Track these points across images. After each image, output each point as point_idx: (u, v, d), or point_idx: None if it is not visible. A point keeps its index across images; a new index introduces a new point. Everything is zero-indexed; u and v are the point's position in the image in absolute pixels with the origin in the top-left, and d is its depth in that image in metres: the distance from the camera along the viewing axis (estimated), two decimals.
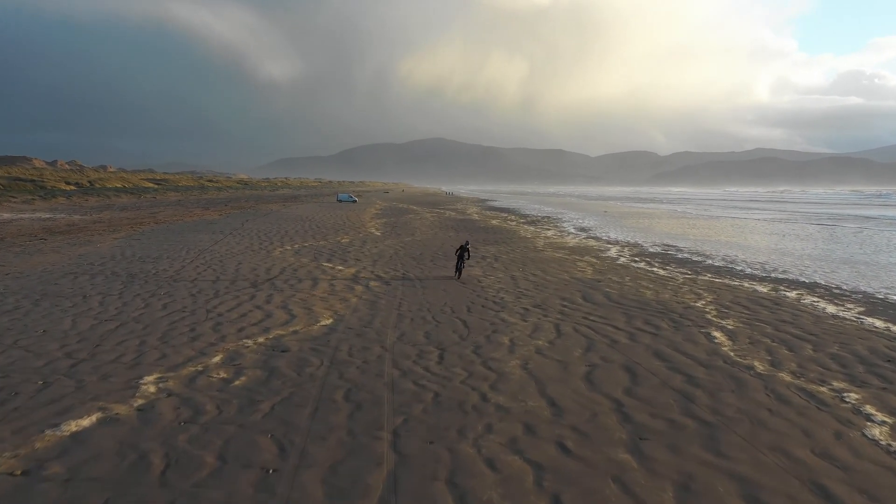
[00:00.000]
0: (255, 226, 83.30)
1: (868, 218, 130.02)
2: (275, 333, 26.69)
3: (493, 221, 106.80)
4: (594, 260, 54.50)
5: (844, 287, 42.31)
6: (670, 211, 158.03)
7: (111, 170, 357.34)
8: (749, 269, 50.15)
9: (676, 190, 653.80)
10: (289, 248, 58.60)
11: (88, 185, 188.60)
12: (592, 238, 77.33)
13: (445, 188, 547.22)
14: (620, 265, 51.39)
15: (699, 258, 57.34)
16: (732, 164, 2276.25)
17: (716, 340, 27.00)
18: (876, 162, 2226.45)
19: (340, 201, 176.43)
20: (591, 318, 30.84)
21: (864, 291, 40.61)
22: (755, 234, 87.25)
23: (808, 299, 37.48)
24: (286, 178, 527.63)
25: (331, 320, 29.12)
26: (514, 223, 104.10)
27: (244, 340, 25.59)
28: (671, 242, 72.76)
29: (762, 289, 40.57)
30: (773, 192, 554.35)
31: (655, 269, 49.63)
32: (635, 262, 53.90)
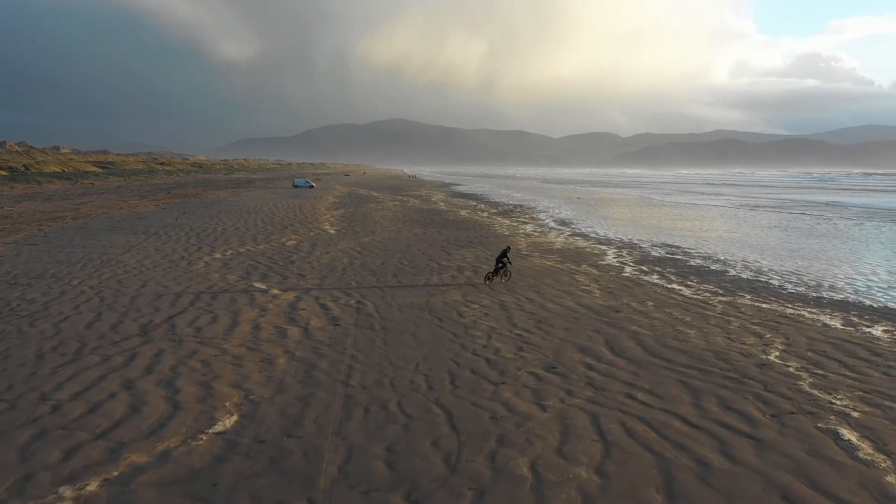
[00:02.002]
0: (191, 221, 71.98)
1: (855, 207, 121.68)
2: (123, 464, 15.40)
3: (463, 212, 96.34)
4: (594, 271, 44.29)
5: None
6: (645, 198, 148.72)
7: (64, 151, 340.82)
8: (788, 285, 40.32)
9: (641, 172, 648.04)
10: (219, 255, 47.62)
11: (24, 169, 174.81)
12: (579, 235, 67.15)
13: (408, 170, 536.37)
14: (630, 280, 41.24)
15: (718, 266, 47.43)
16: (693, 145, 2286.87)
17: (859, 454, 16.68)
18: (832, 144, 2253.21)
19: (297, 187, 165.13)
20: (638, 396, 20.37)
21: None
22: (756, 229, 77.92)
23: None
24: (245, 160, 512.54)
25: (234, 418, 18.22)
26: (485, 214, 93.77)
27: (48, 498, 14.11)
28: (670, 241, 62.93)
29: (832, 322, 30.60)
30: (741, 173, 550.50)
31: (675, 286, 39.57)
32: (645, 273, 43.79)
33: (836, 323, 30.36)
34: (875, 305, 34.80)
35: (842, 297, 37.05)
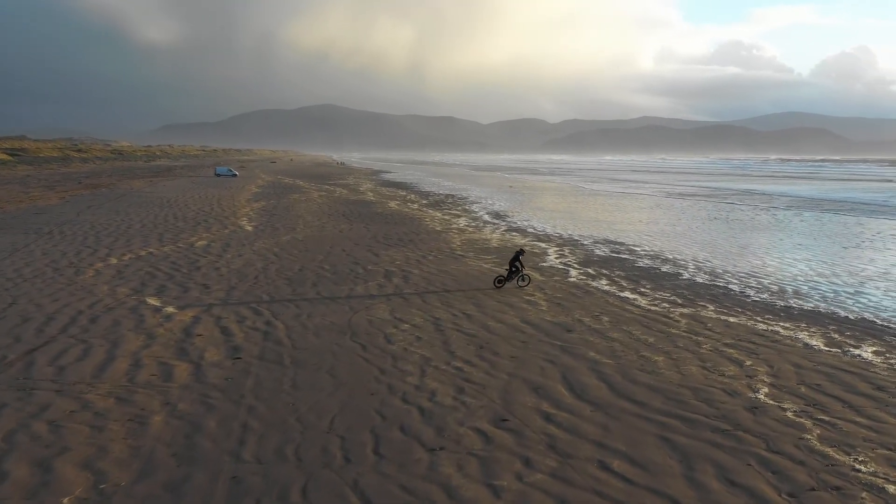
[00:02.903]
0: (94, 217, 65.66)
1: (786, 196, 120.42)
2: None
3: (392, 203, 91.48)
4: (537, 276, 39.98)
5: None
6: (577, 187, 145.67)
7: None
8: (750, 291, 36.66)
9: (568, 159, 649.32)
10: (114, 261, 41.97)
11: None
12: (516, 231, 62.90)
13: (336, 157, 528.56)
14: (577, 287, 37.07)
15: (669, 267, 43.63)
16: (620, 131, 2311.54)
17: None
18: (754, 130, 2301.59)
19: (219, 175, 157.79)
20: (615, 466, 15.95)
21: None
22: (697, 222, 74.93)
23: None
24: (170, 146, 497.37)
25: None
26: (415, 206, 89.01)
27: None
28: (612, 237, 59.18)
29: (813, 341, 26.81)
30: (664, 160, 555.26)
31: (628, 293, 35.55)
32: (593, 278, 39.69)
33: (819, 343, 26.50)
34: (851, 317, 31.17)
35: (811, 305, 33.41)
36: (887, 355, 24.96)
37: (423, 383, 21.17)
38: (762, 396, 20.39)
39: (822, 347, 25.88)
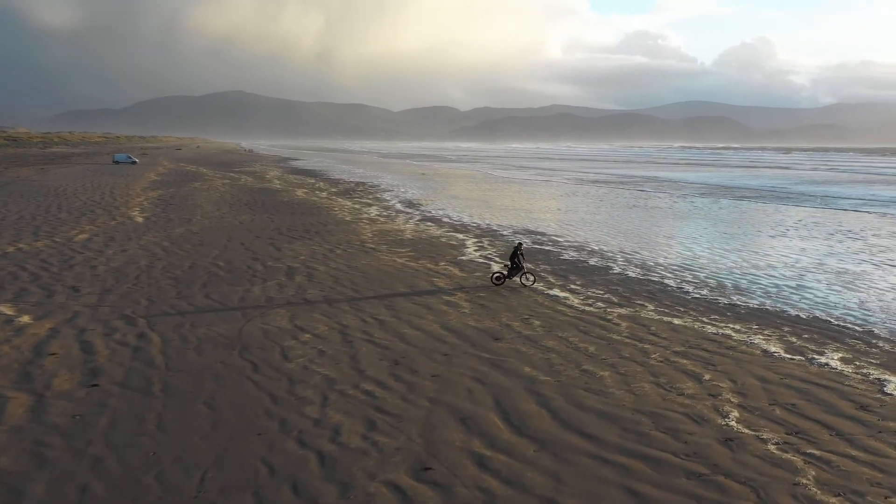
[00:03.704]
0: None
1: (695, 183, 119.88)
2: None
3: (299, 192, 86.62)
4: (456, 271, 36.28)
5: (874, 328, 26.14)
6: (490, 175, 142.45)
7: None
8: (688, 286, 33.70)
9: (480, 146, 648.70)
10: None
11: None
12: (431, 221, 59.02)
13: (245, 144, 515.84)
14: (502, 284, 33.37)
15: (597, 260, 40.45)
16: (530, 119, 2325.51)
17: None
18: (660, 118, 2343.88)
19: (118, 163, 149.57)
20: None
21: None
22: (616, 210, 72.63)
23: (882, 376, 20.61)
24: (70, 133, 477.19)
25: None
26: (324, 195, 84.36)
27: None
28: (532, 226, 55.93)
29: (772, 347, 23.77)
30: (570, 147, 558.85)
31: (558, 291, 32.24)
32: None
33: (778, 349, 23.39)
34: (802, 315, 28.31)
35: (756, 302, 30.48)
36: (857, 363, 21.94)
37: (326, 416, 17.10)
38: (734, 423, 16.98)
39: (784, 355, 22.73)
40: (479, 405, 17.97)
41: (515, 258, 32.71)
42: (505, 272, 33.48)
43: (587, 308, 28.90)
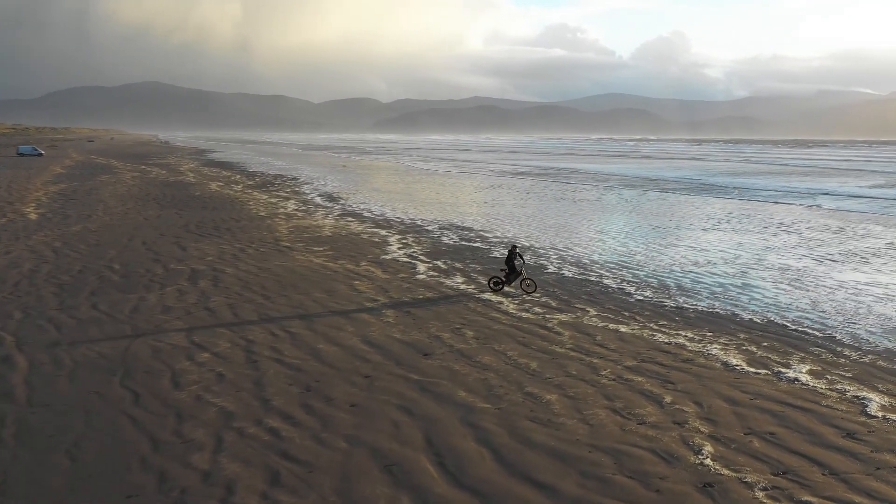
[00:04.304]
0: None
1: (617, 175, 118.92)
2: None
3: (213, 185, 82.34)
4: (379, 273, 33.21)
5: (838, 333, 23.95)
6: (411, 167, 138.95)
7: None
8: (629, 287, 31.33)
9: (402, 138, 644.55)
10: None
11: None
12: (352, 215, 55.73)
13: (161, 136, 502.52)
14: (429, 287, 30.57)
15: (530, 259, 37.70)
16: (453, 111, 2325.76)
17: None
18: (580, 111, 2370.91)
19: (22, 155, 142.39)
20: None
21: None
22: (545, 203, 70.60)
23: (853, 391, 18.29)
24: None
25: None
26: (239, 188, 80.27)
27: None
28: (458, 221, 53.12)
29: (731, 358, 21.35)
30: (489, 139, 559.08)
31: (490, 294, 29.25)
32: (446, 274, 33.35)
33: (739, 361, 20.90)
34: (756, 320, 26.03)
35: (705, 305, 28.15)
36: (828, 377, 19.57)
37: (218, 466, 13.86)
38: (710, 461, 14.31)
39: (747, 368, 20.25)
40: (407, 445, 14.94)
41: (513, 261, 29.50)
42: (503, 277, 29.99)
43: (524, 314, 26.13)
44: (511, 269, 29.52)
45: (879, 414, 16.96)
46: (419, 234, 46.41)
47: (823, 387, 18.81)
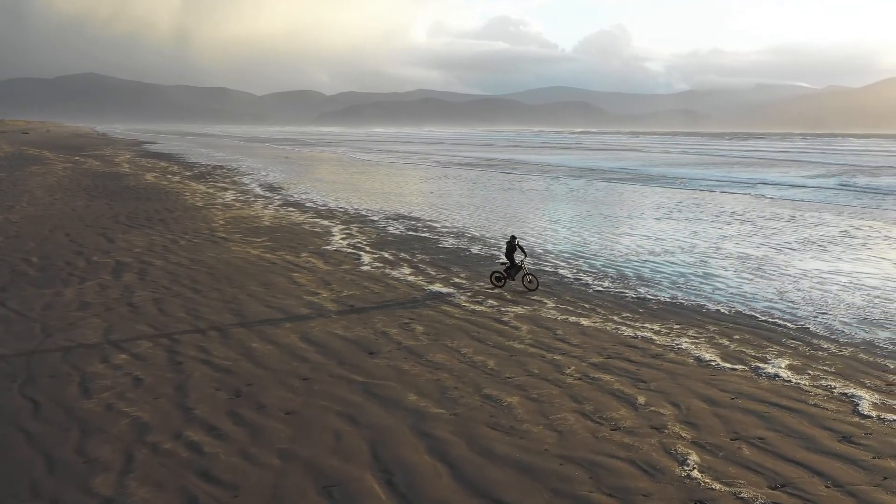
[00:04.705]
0: None
1: (565, 166, 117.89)
2: None
3: (149, 176, 79.01)
4: (321, 264, 31.05)
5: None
6: (355, 158, 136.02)
7: None
8: (586, 277, 29.62)
9: (345, 130, 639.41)
10: None
11: None
12: (293, 205, 53.34)
13: (100, 128, 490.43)
14: (374, 279, 28.49)
15: (479, 248, 36.10)
16: (397, 104, 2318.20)
17: None
18: (523, 103, 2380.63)
19: None
20: None
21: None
22: (492, 192, 68.62)
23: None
24: None
25: None
26: (176, 178, 77.10)
27: None
28: (404, 211, 51.03)
29: (703, 353, 19.68)
30: (431, 131, 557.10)
31: (440, 286, 27.36)
32: (392, 265, 31.33)
33: (713, 356, 19.24)
34: (723, 311, 24.45)
35: (668, 295, 26.56)
36: (810, 372, 18.00)
37: (124, 491, 11.68)
38: (698, 474, 12.53)
39: (722, 364, 18.58)
40: (350, 460, 12.89)
41: (512, 252, 27.20)
42: (503, 271, 27.42)
43: (477, 307, 24.23)
44: (512, 262, 27.10)
45: (873, 413, 15.38)
46: (364, 224, 44.27)
47: (807, 383, 17.21)
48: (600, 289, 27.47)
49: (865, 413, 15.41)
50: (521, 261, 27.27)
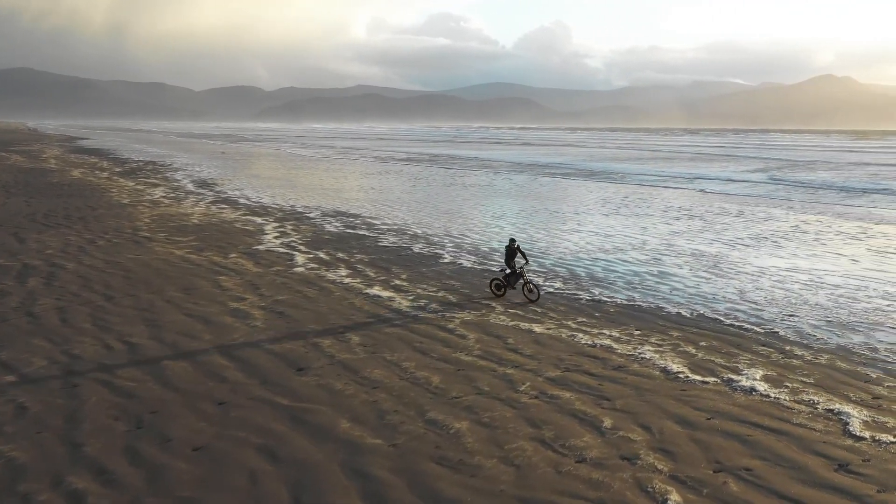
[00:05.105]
0: None
1: (506, 161, 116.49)
2: None
3: (76, 172, 75.43)
4: (250, 266, 28.68)
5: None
6: (294, 154, 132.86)
7: None
8: (538, 279, 27.41)
9: (285, 126, 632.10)
10: None
11: None
12: (226, 202, 50.66)
13: (32, 124, 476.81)
14: (307, 281, 26.22)
15: (422, 246, 34.08)
16: (337, 100, 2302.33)
17: None
18: (464, 100, 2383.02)
19: None
20: None
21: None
22: (435, 188, 66.77)
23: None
24: None
25: None
26: (105, 175, 73.67)
27: None
28: (343, 208, 48.76)
29: (669, 363, 17.78)
30: (371, 127, 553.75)
31: (379, 289, 25.28)
32: (328, 266, 29.07)
33: (681, 367, 17.40)
34: (685, 313, 22.70)
35: (624, 297, 24.76)
36: (788, 384, 16.25)
37: None
38: None
39: (691, 376, 16.74)
40: None
41: (512, 258, 24.17)
42: (503, 279, 24.43)
43: (420, 313, 22.09)
44: (512, 268, 24.15)
45: (866, 434, 13.62)
46: (299, 221, 41.86)
47: (787, 398, 15.43)
48: (552, 290, 25.59)
49: (858, 434, 13.65)
50: (521, 267, 24.28)
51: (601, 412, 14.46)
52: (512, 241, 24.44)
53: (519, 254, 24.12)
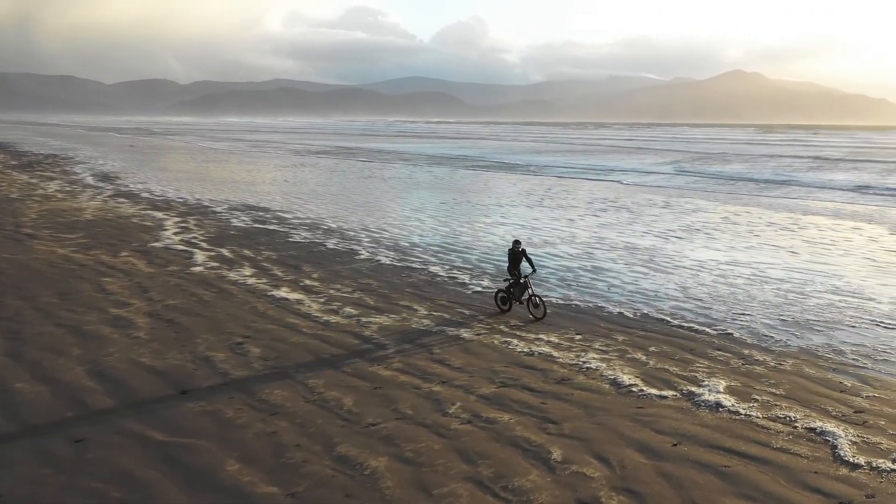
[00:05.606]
0: None
1: (420, 154, 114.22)
2: None
3: None
4: (142, 265, 25.56)
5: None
6: (205, 147, 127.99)
7: None
8: (465, 277, 25.43)
9: (198, 120, 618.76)
10: None
11: None
12: (126, 196, 47.01)
13: None
14: (206, 283, 23.26)
15: (337, 242, 31.39)
16: (253, 93, 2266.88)
17: None
18: (382, 94, 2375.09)
19: None
20: None
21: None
22: (352, 180, 64.22)
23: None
24: None
25: None
26: None
27: None
28: (253, 201, 45.74)
29: (624, 377, 15.49)
30: (286, 121, 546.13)
31: (287, 291, 22.52)
32: (231, 265, 26.17)
33: (634, 379, 15.24)
34: (626, 313, 20.70)
35: (559, 296, 22.60)
36: (756, 397, 14.12)
37: None
38: None
39: (647, 389, 14.45)
40: None
41: (517, 266, 20.21)
42: (509, 290, 20.54)
43: (333, 318, 19.37)
44: (516, 278, 20.29)
45: (861, 460, 11.49)
46: (204, 216, 38.64)
47: (759, 415, 13.24)
48: (479, 289, 23.17)
49: (851, 460, 11.50)
50: (527, 277, 20.31)
51: (548, 439, 12.01)
52: (516, 243, 20.62)
53: (525, 260, 20.41)
